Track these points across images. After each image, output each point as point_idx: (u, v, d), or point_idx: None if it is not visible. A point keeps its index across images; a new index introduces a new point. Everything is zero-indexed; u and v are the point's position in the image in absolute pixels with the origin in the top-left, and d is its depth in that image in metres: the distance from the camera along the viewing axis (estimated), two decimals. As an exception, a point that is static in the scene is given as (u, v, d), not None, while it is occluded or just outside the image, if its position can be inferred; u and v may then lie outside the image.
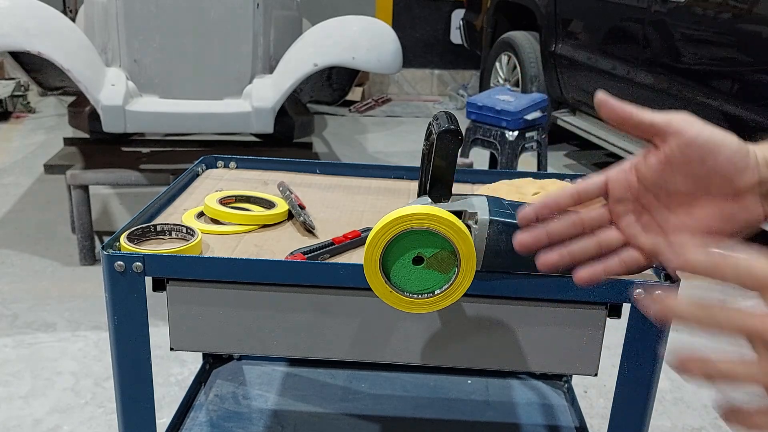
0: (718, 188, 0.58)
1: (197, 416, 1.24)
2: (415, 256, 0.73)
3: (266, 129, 2.44)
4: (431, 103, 5.59)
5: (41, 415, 1.72)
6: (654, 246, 0.61)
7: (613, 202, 0.63)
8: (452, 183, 0.75)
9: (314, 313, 0.84)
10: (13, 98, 4.68)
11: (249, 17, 2.55)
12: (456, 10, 5.66)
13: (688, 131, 0.57)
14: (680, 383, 1.98)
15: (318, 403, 1.28)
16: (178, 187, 1.09)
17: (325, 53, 2.44)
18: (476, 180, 1.18)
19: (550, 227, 0.63)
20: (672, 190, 0.60)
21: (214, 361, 1.40)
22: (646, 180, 0.61)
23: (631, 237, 0.62)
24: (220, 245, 0.90)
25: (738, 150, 0.57)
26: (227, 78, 2.59)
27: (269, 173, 1.20)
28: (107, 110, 2.30)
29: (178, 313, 0.85)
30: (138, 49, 2.52)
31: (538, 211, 0.64)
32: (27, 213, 3.04)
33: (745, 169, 0.57)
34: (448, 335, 0.84)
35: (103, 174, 2.49)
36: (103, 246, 0.82)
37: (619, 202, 0.63)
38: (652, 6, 3.00)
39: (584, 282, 0.62)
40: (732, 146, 0.57)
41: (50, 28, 2.26)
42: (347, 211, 1.05)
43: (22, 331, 2.10)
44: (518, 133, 2.91)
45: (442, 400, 1.30)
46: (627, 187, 0.62)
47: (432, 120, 0.77)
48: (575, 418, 1.27)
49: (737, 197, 0.58)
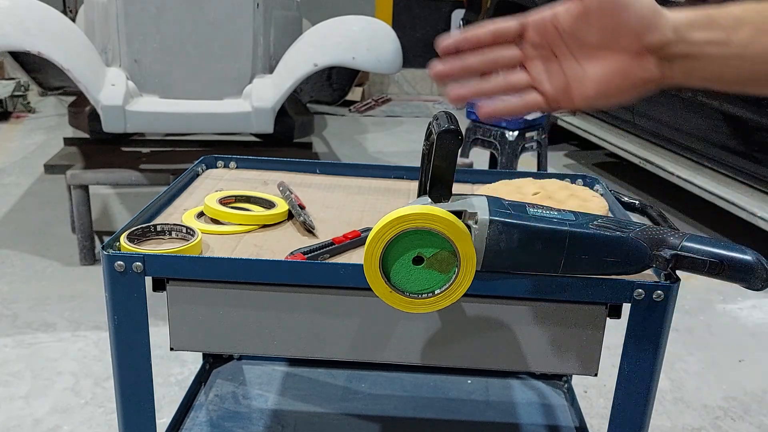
0: (624, 43, 0.62)
1: (197, 416, 1.24)
2: (415, 256, 0.73)
3: (266, 129, 2.44)
4: (431, 103, 5.59)
5: (41, 415, 1.72)
6: (555, 92, 0.65)
7: (528, 46, 0.66)
8: (452, 183, 0.75)
9: (314, 313, 0.84)
10: (13, 98, 4.68)
11: (249, 17, 2.55)
12: (456, 10, 5.66)
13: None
14: (680, 383, 1.98)
15: (318, 403, 1.28)
16: (178, 187, 1.09)
17: (325, 53, 2.44)
18: (476, 180, 1.18)
19: (465, 61, 0.66)
20: (584, 41, 0.64)
21: (214, 361, 1.40)
22: (563, 29, 0.65)
23: (536, 81, 0.66)
24: (220, 245, 0.90)
25: (650, 9, 0.61)
26: (227, 78, 2.59)
27: (269, 173, 1.20)
28: (107, 110, 2.30)
29: (178, 313, 0.85)
30: (138, 49, 2.52)
31: (458, 43, 0.67)
32: (27, 213, 3.04)
33: (654, 29, 0.61)
34: (448, 335, 0.84)
35: (103, 174, 2.49)
36: (103, 246, 0.82)
37: (533, 47, 0.66)
38: (652, 6, 3.00)
39: (485, 115, 0.66)
40: (645, 4, 0.61)
41: (50, 28, 2.26)
42: (347, 211, 1.05)
43: (22, 331, 2.10)
44: (518, 133, 2.91)
45: (442, 400, 1.30)
46: (544, 33, 0.66)
47: (432, 120, 0.77)
48: (575, 418, 1.27)
49: (638, 54, 0.62)
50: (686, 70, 0.62)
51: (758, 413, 1.87)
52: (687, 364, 2.10)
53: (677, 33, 0.61)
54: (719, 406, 1.90)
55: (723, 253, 0.73)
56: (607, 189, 1.11)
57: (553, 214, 0.77)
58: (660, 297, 0.78)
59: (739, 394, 1.96)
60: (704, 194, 2.95)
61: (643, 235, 0.75)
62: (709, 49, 0.61)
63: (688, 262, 0.73)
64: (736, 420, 1.84)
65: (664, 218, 0.93)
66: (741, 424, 1.82)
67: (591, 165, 4.16)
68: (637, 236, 0.74)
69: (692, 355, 2.14)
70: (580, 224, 0.74)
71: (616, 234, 0.74)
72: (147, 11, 2.48)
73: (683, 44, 0.61)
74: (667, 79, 0.63)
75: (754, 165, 2.66)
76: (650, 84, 0.63)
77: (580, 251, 0.74)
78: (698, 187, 2.98)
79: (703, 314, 2.40)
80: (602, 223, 0.75)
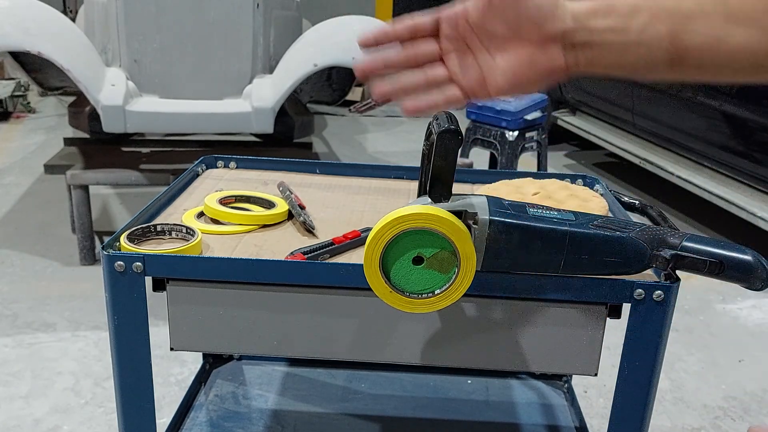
0: (527, 33, 0.64)
1: (197, 416, 1.24)
2: (415, 256, 0.73)
3: (266, 129, 2.44)
4: (431, 103, 5.59)
5: (41, 415, 1.72)
6: (471, 85, 0.67)
7: (444, 40, 0.68)
8: (452, 183, 0.75)
9: (314, 313, 0.84)
10: (13, 98, 4.68)
11: (249, 17, 2.55)
12: (456, 10, 5.65)
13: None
14: (680, 383, 1.98)
15: (318, 403, 1.28)
16: (178, 187, 1.09)
17: (325, 53, 2.44)
18: (476, 180, 1.18)
19: (386, 56, 0.68)
20: (492, 33, 0.66)
21: (214, 361, 1.40)
22: (472, 21, 0.66)
23: (454, 75, 0.68)
24: (220, 245, 0.90)
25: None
26: (227, 78, 2.59)
27: (269, 173, 1.20)
28: (107, 110, 2.30)
29: (178, 313, 0.85)
30: (138, 49, 2.52)
31: (377, 37, 0.68)
32: (27, 213, 3.04)
33: (552, 18, 0.63)
34: (448, 335, 0.84)
35: (103, 174, 2.49)
36: (103, 246, 0.82)
37: (448, 40, 0.68)
38: (652, 6, 2.99)
39: (410, 112, 0.68)
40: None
41: (50, 28, 2.26)
42: (347, 211, 1.05)
43: (22, 331, 2.10)
44: (518, 133, 2.91)
45: (442, 400, 1.30)
46: (456, 26, 0.67)
47: (432, 120, 0.77)
48: (575, 418, 1.27)
49: (542, 44, 0.64)
50: (589, 58, 0.64)
51: (758, 413, 1.87)
52: (687, 364, 2.10)
53: (577, 21, 0.63)
54: (719, 406, 1.90)
55: (723, 253, 0.73)
56: (607, 189, 1.11)
57: (553, 214, 0.77)
58: (660, 297, 0.78)
59: (739, 394, 1.96)
60: (704, 194, 2.95)
61: (643, 235, 0.75)
62: (609, 36, 0.63)
63: (688, 262, 0.73)
64: (736, 420, 1.84)
65: (664, 218, 0.93)
66: (741, 424, 1.83)
67: (591, 165, 4.16)
68: (637, 236, 0.74)
69: (692, 355, 2.14)
70: (580, 224, 0.74)
71: (616, 234, 0.74)
72: (147, 11, 2.48)
73: (584, 32, 0.63)
74: (573, 67, 0.65)
75: (754, 165, 2.66)
76: (557, 73, 0.65)
77: (580, 251, 0.74)
78: (698, 187, 2.98)
79: (703, 314, 2.40)
80: (602, 223, 0.75)
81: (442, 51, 0.68)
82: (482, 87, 0.67)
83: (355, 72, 0.69)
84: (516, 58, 0.65)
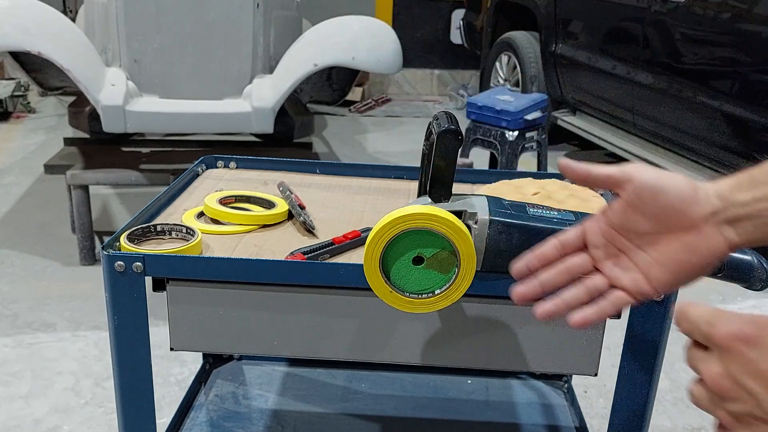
0: (675, 223, 0.63)
1: (197, 416, 1.24)
2: (415, 256, 0.73)
3: (266, 129, 2.44)
4: (431, 103, 5.59)
5: (41, 415, 1.72)
6: (635, 284, 0.66)
7: (593, 249, 0.68)
8: (452, 183, 0.75)
9: (314, 313, 0.84)
10: (13, 98, 4.68)
11: (249, 17, 2.55)
12: (456, 10, 5.65)
13: (638, 176, 0.64)
14: (680, 383, 1.98)
15: (318, 403, 1.28)
16: (178, 187, 1.09)
17: (325, 53, 2.44)
18: (476, 180, 1.18)
19: (541, 278, 0.68)
20: (638, 230, 0.65)
21: (214, 361, 1.40)
22: (615, 225, 0.67)
23: (614, 279, 0.67)
24: (220, 245, 0.90)
25: (686, 186, 0.63)
26: (227, 78, 2.59)
27: (269, 173, 1.20)
28: (107, 110, 2.30)
29: (178, 313, 0.85)
30: (138, 49, 2.52)
31: (528, 264, 0.69)
32: (27, 213, 3.04)
33: (695, 202, 0.63)
34: (448, 335, 0.84)
35: (103, 174, 2.49)
36: (103, 246, 0.82)
37: (597, 248, 0.68)
38: (652, 6, 3.00)
39: (579, 326, 0.67)
40: (678, 182, 0.63)
41: (50, 28, 2.26)
42: (347, 211, 1.05)
43: (22, 331, 2.10)
44: (518, 133, 2.91)
45: (442, 400, 1.30)
46: (601, 233, 0.68)
47: (432, 120, 0.77)
48: (575, 418, 1.27)
49: (695, 229, 0.63)
50: (749, 230, 0.63)
51: (758, 413, 1.87)
52: (687, 364, 2.09)
53: (723, 199, 0.62)
54: (719, 406, 1.89)
55: (723, 253, 0.73)
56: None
57: (553, 214, 0.77)
58: (660, 297, 0.78)
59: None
60: (704, 194, 2.94)
61: (643, 235, 0.75)
62: (761, 205, 0.62)
63: (689, 262, 0.73)
64: (736, 420, 1.84)
65: (664, 218, 0.93)
66: (741, 424, 1.82)
67: (591, 165, 4.15)
68: (637, 236, 0.74)
69: (692, 355, 2.14)
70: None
71: (616, 234, 0.74)
72: (147, 11, 2.48)
73: (734, 207, 0.62)
74: (735, 244, 0.63)
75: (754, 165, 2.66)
76: (720, 253, 0.64)
77: (580, 251, 0.74)
78: (698, 187, 2.96)
79: (703, 314, 2.40)
80: (602, 223, 0.75)
81: (594, 260, 0.68)
82: (646, 284, 0.66)
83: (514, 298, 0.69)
84: (671, 248, 0.64)
